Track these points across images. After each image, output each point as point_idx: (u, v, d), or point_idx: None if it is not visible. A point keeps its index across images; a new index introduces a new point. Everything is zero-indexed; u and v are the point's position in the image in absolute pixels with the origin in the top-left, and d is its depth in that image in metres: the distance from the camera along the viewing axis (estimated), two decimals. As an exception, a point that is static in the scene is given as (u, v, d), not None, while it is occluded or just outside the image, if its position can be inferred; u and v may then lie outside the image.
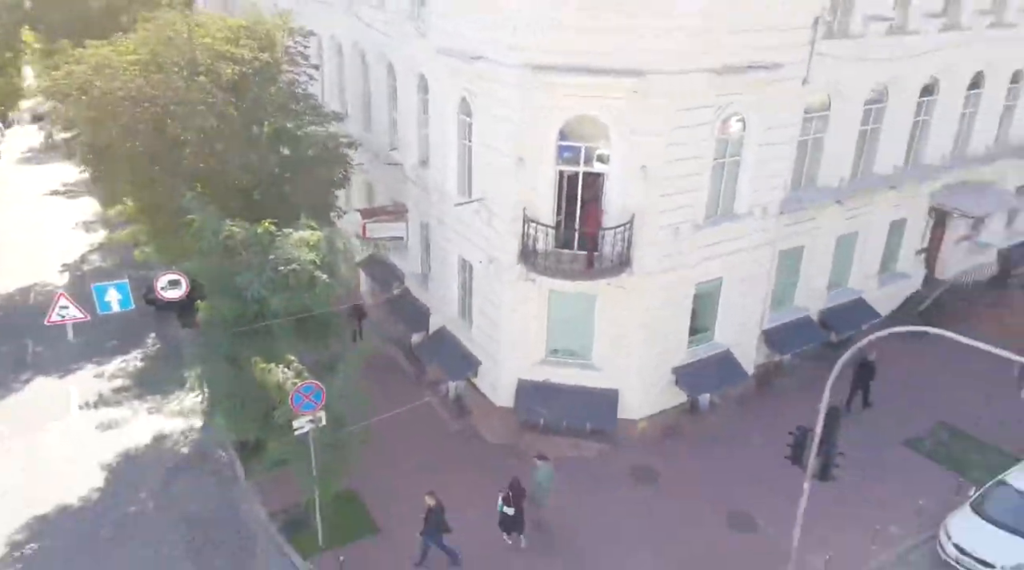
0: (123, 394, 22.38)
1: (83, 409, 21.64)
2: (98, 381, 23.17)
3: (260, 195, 20.14)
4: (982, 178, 24.23)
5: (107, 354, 24.66)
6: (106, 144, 18.07)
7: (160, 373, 23.13)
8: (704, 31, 15.51)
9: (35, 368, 23.78)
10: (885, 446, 18.67)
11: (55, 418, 21.12)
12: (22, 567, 15.92)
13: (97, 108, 17.67)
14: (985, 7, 21.39)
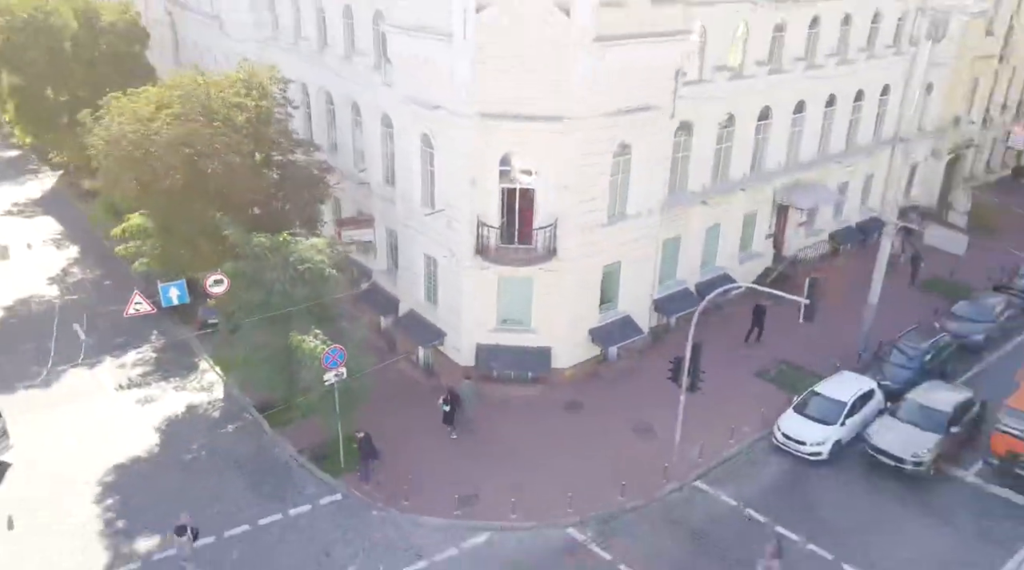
0: (149, 377, 27.39)
1: (119, 390, 26.58)
2: (122, 369, 28.03)
3: (259, 210, 25.70)
4: (811, 179, 32.01)
5: (119, 348, 29.44)
6: (149, 180, 23.20)
7: (174, 361, 28.30)
8: (603, 88, 22.15)
9: (64, 361, 28.36)
10: (742, 377, 25.88)
11: (99, 397, 26.03)
12: (120, 498, 21.11)
13: (143, 154, 22.80)
14: (799, 55, 29.01)
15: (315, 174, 26.65)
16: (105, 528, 20.10)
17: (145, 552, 19.22)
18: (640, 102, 23.48)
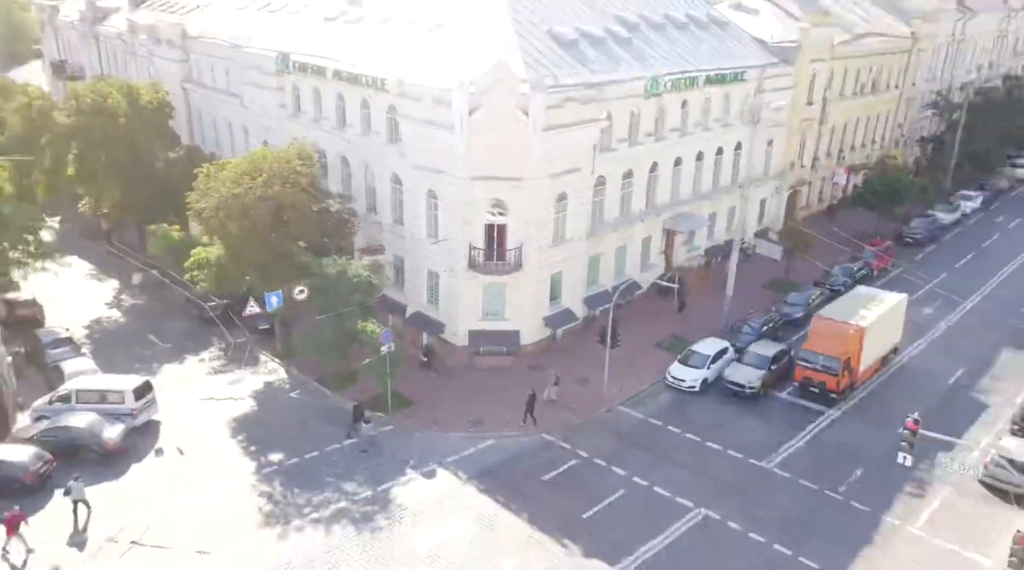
0: (227, 367, 37.72)
1: (210, 374, 36.88)
2: (202, 363, 38.26)
3: (307, 244, 36.72)
4: (689, 211, 45.12)
5: (191, 351, 39.58)
6: (246, 226, 33.83)
7: (238, 357, 38.64)
8: (550, 157, 34.42)
9: (151, 361, 38.23)
10: (647, 347, 38.28)
11: (197, 381, 36.24)
12: (243, 435, 31.55)
13: (242, 207, 33.54)
14: (675, 126, 42.21)
15: (346, 218, 37.89)
16: (241, 450, 30.64)
17: (276, 460, 29.90)
18: (572, 166, 35.89)
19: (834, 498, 27.77)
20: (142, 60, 58.28)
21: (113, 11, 65.64)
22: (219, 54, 49.87)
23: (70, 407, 31.31)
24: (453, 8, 39.80)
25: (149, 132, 47.86)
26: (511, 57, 34.26)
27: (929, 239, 53.61)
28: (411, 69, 36.34)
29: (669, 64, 41.36)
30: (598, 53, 39.00)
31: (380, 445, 30.77)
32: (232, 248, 35.89)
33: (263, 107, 46.04)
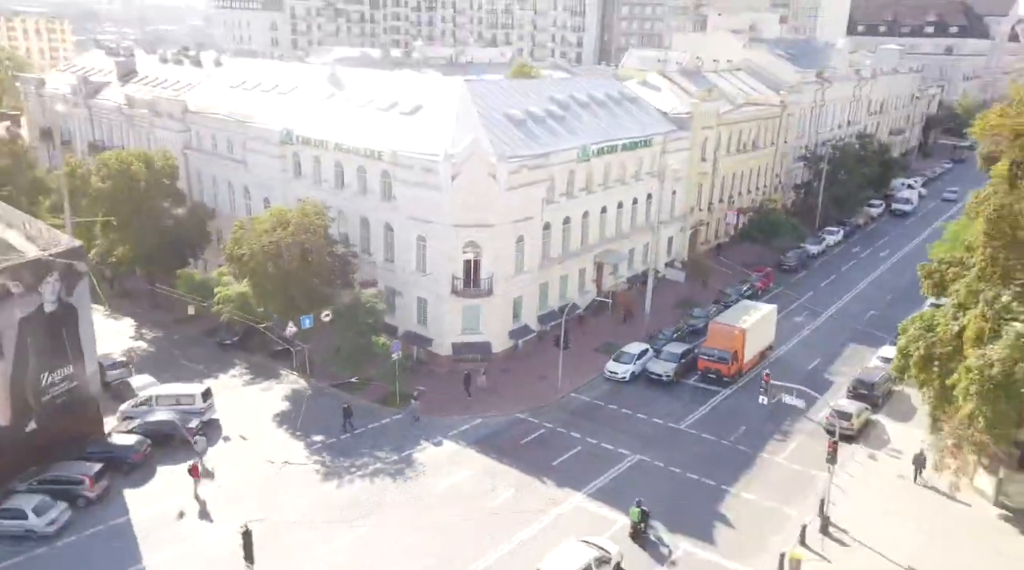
0: (256, 380, 46.92)
1: (245, 386, 46.04)
2: (235, 378, 47.36)
3: (320, 280, 46.70)
4: (613, 247, 57.06)
5: (220, 370, 48.58)
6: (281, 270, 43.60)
7: (263, 372, 47.90)
8: (511, 209, 45.73)
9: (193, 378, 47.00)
10: (587, 351, 49.51)
11: (234, 391, 45.34)
12: (284, 425, 41.02)
13: (277, 251, 43.38)
14: (600, 182, 54.29)
15: (349, 259, 48.04)
16: (289, 436, 40.03)
17: (319, 440, 39.50)
18: (526, 215, 47.30)
19: (726, 445, 39.35)
20: (140, 129, 67.00)
21: (104, 85, 74.23)
22: (221, 126, 59.50)
23: (150, 409, 40.19)
24: (425, 94, 51.17)
25: (162, 192, 56.92)
26: (478, 135, 45.61)
27: (801, 266, 67.34)
28: (400, 143, 47.21)
29: (595, 135, 53.63)
30: (541, 129, 50.89)
31: (416, 420, 40.99)
32: (262, 284, 45.54)
33: (266, 171, 55.87)
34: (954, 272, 33.86)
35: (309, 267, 44.71)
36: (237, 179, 59.32)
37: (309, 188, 52.80)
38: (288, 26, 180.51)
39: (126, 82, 73.45)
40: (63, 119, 76.51)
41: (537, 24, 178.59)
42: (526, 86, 57.72)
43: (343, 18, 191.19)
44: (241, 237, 45.41)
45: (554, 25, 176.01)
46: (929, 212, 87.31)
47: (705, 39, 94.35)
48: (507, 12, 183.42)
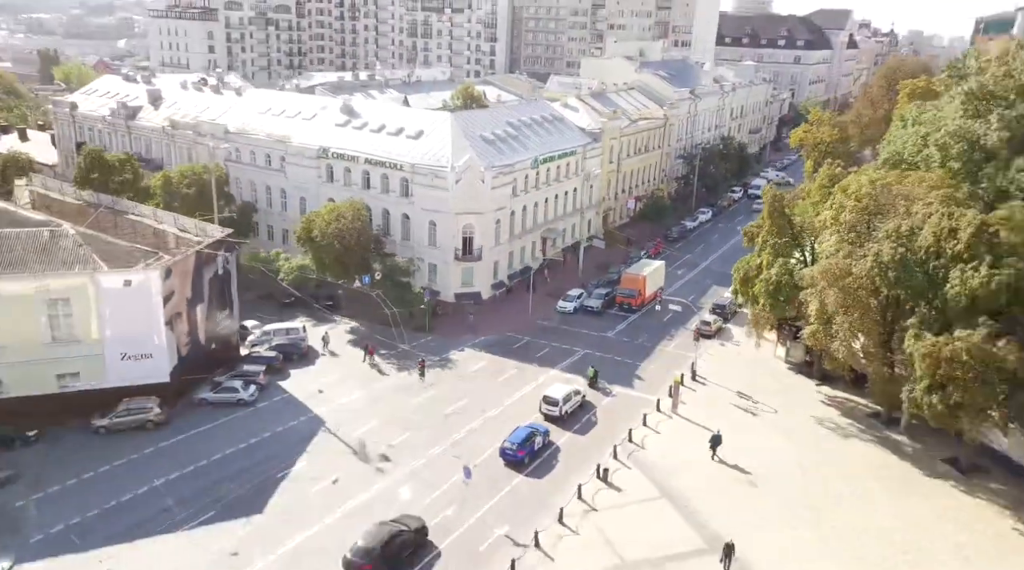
0: (319, 324, 68.16)
1: (315, 327, 67.30)
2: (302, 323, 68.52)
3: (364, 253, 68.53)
4: (553, 226, 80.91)
5: (288, 318, 69.59)
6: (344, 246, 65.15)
7: (321, 319, 69.22)
8: (492, 202, 68.89)
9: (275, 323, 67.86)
10: (543, 296, 73.23)
11: (308, 330, 66.63)
12: (356, 349, 63.00)
13: (339, 233, 64.93)
14: (544, 181, 78.14)
15: (381, 239, 69.89)
16: (360, 354, 61.90)
17: (383, 353, 61.68)
18: (501, 205, 70.56)
19: (637, 343, 64.01)
20: (181, 146, 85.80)
21: (138, 109, 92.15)
22: (262, 144, 79.57)
23: (270, 338, 61.18)
24: (424, 123, 73.52)
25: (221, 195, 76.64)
26: (471, 154, 68.38)
27: (681, 237, 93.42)
28: (415, 158, 69.39)
29: (540, 149, 77.25)
30: (505, 146, 74.14)
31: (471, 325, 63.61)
32: (324, 257, 66.81)
33: (303, 178, 76.62)
34: (757, 231, 59.34)
35: (359, 244, 66.42)
36: (275, 184, 79.68)
37: (339, 190, 74.13)
38: (223, 34, 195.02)
39: (157, 106, 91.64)
40: (103, 136, 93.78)
41: (454, 34, 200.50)
42: (490, 114, 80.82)
43: (272, 26, 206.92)
44: (310, 225, 66.52)
45: (469, 35, 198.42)
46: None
47: (605, 64, 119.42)
48: (426, 23, 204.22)
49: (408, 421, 50.85)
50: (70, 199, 69.17)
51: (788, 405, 53.16)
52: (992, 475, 44.76)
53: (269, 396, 54.20)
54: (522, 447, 45.54)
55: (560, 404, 50.46)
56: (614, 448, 47.21)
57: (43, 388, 47.87)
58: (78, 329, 48.17)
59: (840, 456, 47.07)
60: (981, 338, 38.14)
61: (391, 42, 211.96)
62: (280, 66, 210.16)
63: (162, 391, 50.45)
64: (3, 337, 46.65)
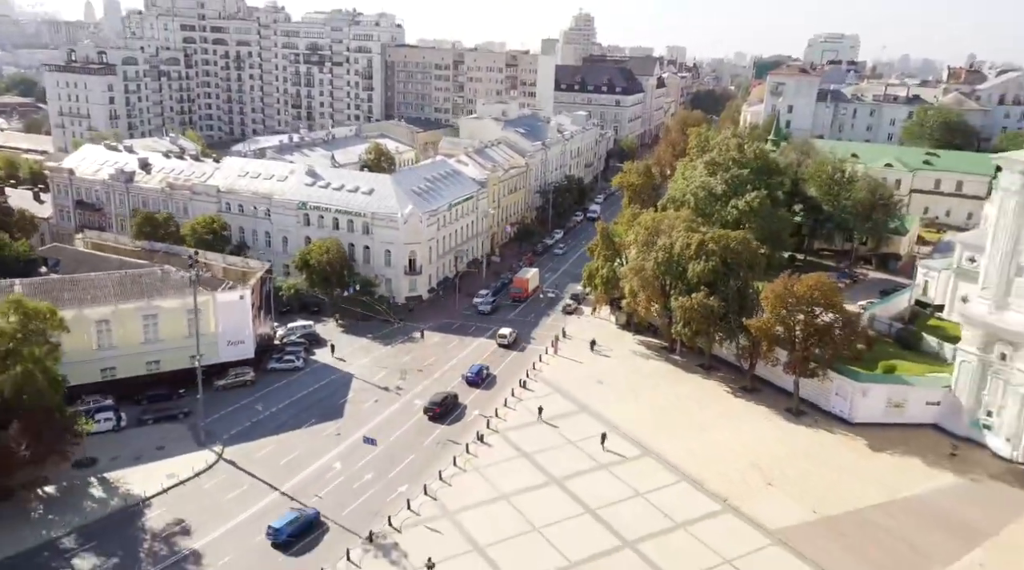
0: (316, 324, 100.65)
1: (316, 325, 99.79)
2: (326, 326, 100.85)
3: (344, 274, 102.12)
4: (464, 248, 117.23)
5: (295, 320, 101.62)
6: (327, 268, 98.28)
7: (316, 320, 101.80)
8: (426, 234, 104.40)
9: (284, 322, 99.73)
10: (464, 297, 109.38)
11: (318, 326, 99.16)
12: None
13: (327, 261, 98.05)
14: (455, 218, 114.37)
15: (349, 262, 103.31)
16: (356, 336, 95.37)
17: (369, 336, 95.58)
18: (431, 236, 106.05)
19: (528, 320, 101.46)
20: (178, 202, 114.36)
21: (132, 173, 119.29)
22: (250, 199, 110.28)
23: (295, 331, 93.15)
24: (372, 183, 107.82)
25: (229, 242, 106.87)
26: (413, 204, 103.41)
27: (544, 251, 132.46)
28: (373, 208, 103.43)
29: (451, 196, 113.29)
30: (430, 195, 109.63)
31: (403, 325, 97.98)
32: (315, 277, 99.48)
33: (285, 223, 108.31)
34: (595, 247, 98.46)
35: (339, 267, 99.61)
36: (261, 228, 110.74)
37: (315, 232, 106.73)
38: (121, 86, 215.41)
39: (149, 171, 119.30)
40: (101, 195, 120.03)
41: (335, 83, 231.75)
42: (413, 174, 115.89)
43: (165, 77, 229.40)
44: (306, 256, 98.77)
45: (348, 85, 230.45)
46: (606, 216, 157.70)
47: (478, 123, 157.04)
48: (308, 74, 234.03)
49: (404, 372, 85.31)
50: (125, 245, 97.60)
51: (617, 346, 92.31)
52: (719, 370, 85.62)
53: (309, 364, 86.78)
54: (477, 375, 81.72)
55: (508, 337, 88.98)
56: (526, 372, 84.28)
57: (183, 364, 78.26)
58: (203, 327, 79.07)
59: (645, 368, 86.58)
60: (702, 296, 78.24)
61: (276, 90, 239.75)
62: (172, 112, 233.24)
63: (250, 363, 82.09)
64: (162, 333, 77.06)
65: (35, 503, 59.87)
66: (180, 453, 67.53)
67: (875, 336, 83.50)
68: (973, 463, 67.36)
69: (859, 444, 70.47)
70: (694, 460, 67.01)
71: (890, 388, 74.31)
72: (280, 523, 56.26)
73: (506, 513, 59.51)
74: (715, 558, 54.77)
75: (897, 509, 60.89)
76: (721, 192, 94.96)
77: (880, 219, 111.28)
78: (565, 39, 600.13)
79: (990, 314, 68.04)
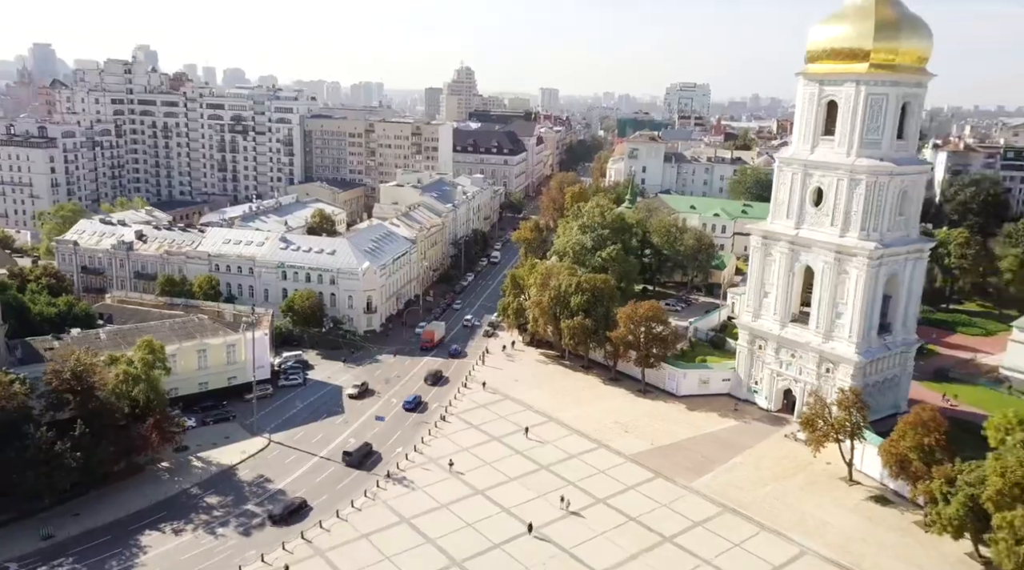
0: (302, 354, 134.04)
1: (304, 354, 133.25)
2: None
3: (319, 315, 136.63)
4: (403, 291, 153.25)
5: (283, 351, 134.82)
6: (309, 313, 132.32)
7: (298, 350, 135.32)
8: (378, 282, 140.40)
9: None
10: (408, 326, 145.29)
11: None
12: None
13: (307, 307, 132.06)
14: (392, 271, 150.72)
15: (322, 304, 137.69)
16: (333, 361, 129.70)
17: (343, 360, 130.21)
18: (383, 284, 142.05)
19: (462, 343, 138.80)
20: (174, 265, 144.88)
21: (131, 243, 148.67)
22: (236, 261, 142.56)
23: (290, 358, 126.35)
24: (333, 245, 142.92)
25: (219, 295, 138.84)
26: (368, 262, 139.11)
27: (462, 291, 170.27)
28: (337, 265, 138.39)
29: (392, 252, 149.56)
30: (378, 253, 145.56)
31: (369, 352, 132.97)
32: (296, 318, 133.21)
33: (267, 279, 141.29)
34: (506, 288, 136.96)
35: (319, 311, 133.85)
36: (246, 283, 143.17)
37: (291, 284, 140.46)
38: (61, 157, 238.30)
39: (144, 241, 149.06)
40: (104, 261, 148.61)
41: (258, 150, 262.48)
42: (363, 236, 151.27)
43: (99, 147, 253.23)
44: (291, 303, 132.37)
45: (271, 151, 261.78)
46: (505, 260, 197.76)
47: (400, 190, 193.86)
48: (233, 142, 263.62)
49: (378, 382, 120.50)
50: (149, 301, 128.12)
51: (524, 357, 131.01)
52: (594, 368, 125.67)
53: (307, 382, 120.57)
54: (414, 402, 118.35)
55: (471, 320, 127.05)
56: (466, 376, 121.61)
57: (222, 384, 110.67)
58: (236, 355, 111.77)
59: (545, 369, 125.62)
60: (580, 319, 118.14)
61: (202, 156, 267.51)
62: (105, 178, 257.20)
63: (268, 382, 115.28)
64: (210, 362, 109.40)
65: (159, 472, 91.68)
66: (241, 439, 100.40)
67: (696, 341, 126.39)
68: (746, 413, 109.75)
69: (681, 407, 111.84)
70: (580, 422, 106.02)
71: (700, 372, 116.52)
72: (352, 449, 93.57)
73: (468, 458, 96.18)
74: (594, 470, 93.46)
75: (699, 439, 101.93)
76: (590, 246, 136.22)
77: (704, 259, 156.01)
78: (449, 90, 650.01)
79: (752, 322, 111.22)
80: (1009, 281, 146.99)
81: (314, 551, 76.87)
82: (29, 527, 79.12)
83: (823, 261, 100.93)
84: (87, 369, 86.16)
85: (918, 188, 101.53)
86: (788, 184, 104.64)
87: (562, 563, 75.31)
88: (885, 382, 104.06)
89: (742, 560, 76.23)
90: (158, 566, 74.05)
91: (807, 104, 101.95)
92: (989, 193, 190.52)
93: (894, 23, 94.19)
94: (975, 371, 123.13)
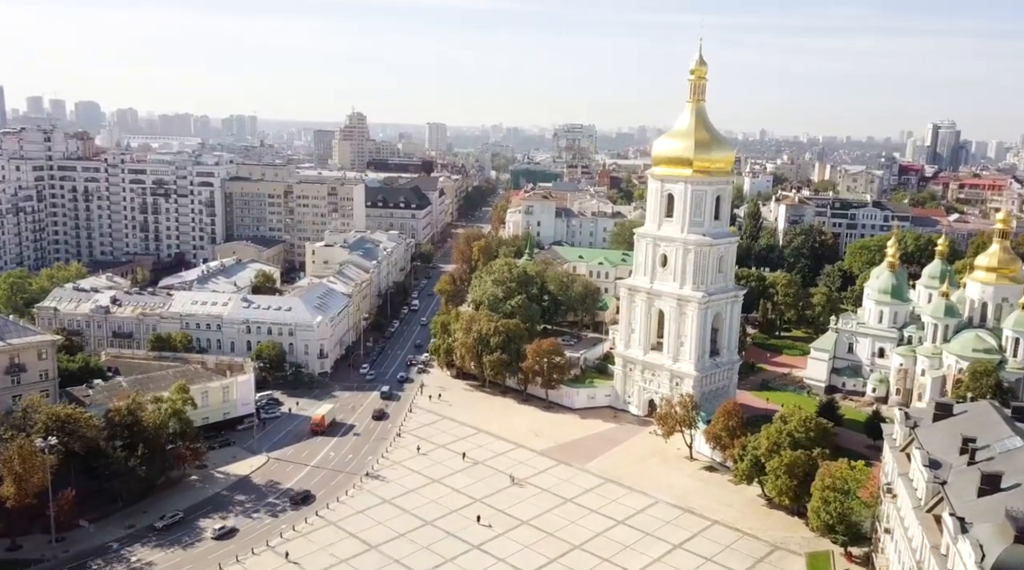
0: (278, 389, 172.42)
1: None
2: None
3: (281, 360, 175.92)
4: (345, 337, 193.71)
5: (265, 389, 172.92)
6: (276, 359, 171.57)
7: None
8: (328, 332, 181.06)
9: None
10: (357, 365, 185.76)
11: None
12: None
13: (275, 355, 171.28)
14: (343, 320, 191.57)
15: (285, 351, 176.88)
16: (309, 392, 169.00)
17: (319, 393, 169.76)
18: (333, 332, 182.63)
19: (400, 376, 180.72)
20: (148, 325, 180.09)
21: (107, 306, 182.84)
22: (205, 320, 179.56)
23: (265, 397, 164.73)
24: (288, 302, 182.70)
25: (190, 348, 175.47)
26: (319, 316, 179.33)
27: (391, 336, 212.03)
28: (294, 320, 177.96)
29: (335, 307, 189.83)
30: (326, 309, 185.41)
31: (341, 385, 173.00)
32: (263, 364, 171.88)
33: (232, 333, 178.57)
34: (436, 330, 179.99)
35: (282, 358, 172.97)
36: (213, 337, 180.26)
37: (254, 336, 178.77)
38: None
39: (119, 304, 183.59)
40: (83, 324, 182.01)
41: (180, 212, 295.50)
42: (311, 293, 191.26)
43: (22, 212, 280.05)
44: (260, 352, 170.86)
45: (193, 212, 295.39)
46: (424, 307, 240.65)
47: (329, 249, 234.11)
48: (155, 204, 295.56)
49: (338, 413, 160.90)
50: (141, 356, 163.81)
51: (451, 386, 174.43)
52: (509, 393, 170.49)
53: (283, 415, 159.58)
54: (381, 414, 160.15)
55: (412, 358, 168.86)
56: (410, 402, 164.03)
57: (219, 418, 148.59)
58: (231, 395, 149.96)
59: (471, 396, 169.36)
60: (498, 355, 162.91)
61: (124, 217, 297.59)
62: (28, 241, 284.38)
63: (253, 415, 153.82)
64: (210, 400, 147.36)
65: (191, 483, 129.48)
66: (245, 458, 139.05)
67: (586, 367, 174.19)
68: (622, 419, 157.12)
69: (576, 416, 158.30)
70: (502, 431, 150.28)
71: (589, 390, 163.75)
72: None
73: (423, 459, 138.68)
74: (515, 462, 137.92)
75: (588, 438, 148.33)
76: (502, 296, 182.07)
77: (591, 302, 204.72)
78: (342, 135, 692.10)
79: (624, 351, 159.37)
80: (819, 313, 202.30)
81: (327, 522, 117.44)
82: (114, 522, 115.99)
83: (670, 306, 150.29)
84: (139, 407, 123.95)
85: (731, 252, 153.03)
86: (644, 251, 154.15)
87: (497, 515, 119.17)
88: (718, 391, 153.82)
89: (617, 508, 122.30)
90: (221, 540, 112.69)
91: (654, 195, 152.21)
92: (816, 241, 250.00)
93: (707, 142, 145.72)
94: (788, 382, 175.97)
